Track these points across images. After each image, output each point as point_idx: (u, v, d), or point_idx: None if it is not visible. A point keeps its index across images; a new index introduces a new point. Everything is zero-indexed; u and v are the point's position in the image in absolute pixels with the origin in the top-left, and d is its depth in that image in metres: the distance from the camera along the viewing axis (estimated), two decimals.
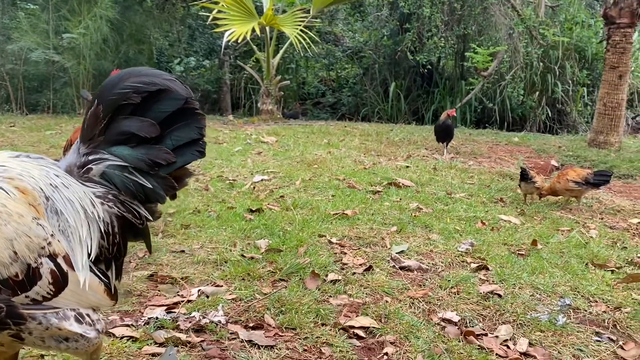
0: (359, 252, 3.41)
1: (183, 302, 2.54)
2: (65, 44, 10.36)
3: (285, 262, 3.08)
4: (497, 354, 2.29)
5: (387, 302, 2.71)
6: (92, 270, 1.46)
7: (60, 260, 1.37)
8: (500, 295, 2.86)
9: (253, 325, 2.37)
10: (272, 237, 3.55)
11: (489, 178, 6.12)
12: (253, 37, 11.04)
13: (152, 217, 1.62)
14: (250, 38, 10.81)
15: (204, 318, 2.36)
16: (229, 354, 2.13)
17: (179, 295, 2.62)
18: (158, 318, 2.34)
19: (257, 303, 2.57)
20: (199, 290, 2.66)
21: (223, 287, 2.75)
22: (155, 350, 2.09)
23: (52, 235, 1.37)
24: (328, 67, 15.86)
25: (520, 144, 9.17)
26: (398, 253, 3.39)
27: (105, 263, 1.53)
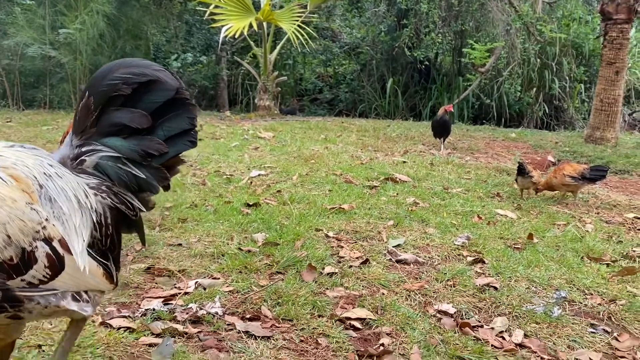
0: (356, 245, 3.42)
1: (180, 294, 2.54)
2: (62, 40, 10.32)
3: (282, 255, 3.09)
4: (492, 345, 2.31)
5: (383, 294, 2.72)
6: (90, 255, 1.47)
7: (56, 244, 1.38)
8: (496, 288, 2.88)
9: (250, 317, 2.38)
10: (269, 231, 3.56)
11: (486, 173, 6.14)
12: (250, 32, 11.03)
13: (145, 208, 1.62)
14: (248, 34, 10.80)
15: (201, 310, 2.37)
16: (226, 345, 2.14)
17: (176, 288, 2.63)
18: (155, 309, 2.34)
19: (254, 295, 2.58)
20: (196, 283, 2.66)
21: (220, 279, 2.75)
22: (153, 341, 2.09)
23: (46, 220, 1.37)
24: (325, 63, 15.85)
25: (517, 140, 9.19)
26: (395, 247, 3.41)
27: (102, 256, 1.53)
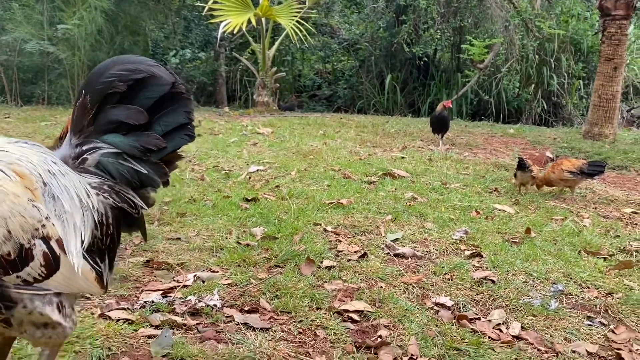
0: (354, 239, 3.43)
1: (179, 287, 2.55)
2: (60, 35, 10.29)
3: (281, 249, 3.10)
4: (489, 337, 2.32)
5: (381, 287, 2.73)
6: (84, 257, 1.46)
7: (54, 244, 1.38)
8: (494, 281, 2.89)
9: (248, 309, 2.39)
10: (267, 225, 3.57)
11: (484, 169, 6.15)
12: (249, 28, 11.02)
13: (146, 205, 1.62)
14: (246, 30, 10.78)
15: (200, 302, 2.38)
16: (225, 336, 2.15)
17: (175, 281, 2.64)
18: (154, 302, 2.35)
19: (252, 288, 2.59)
20: (195, 276, 2.67)
21: (219, 272, 2.76)
22: (152, 333, 2.10)
23: (47, 218, 1.37)
24: (324, 59, 15.84)
25: (516, 136, 9.20)
26: (393, 241, 3.42)
27: (99, 254, 1.53)
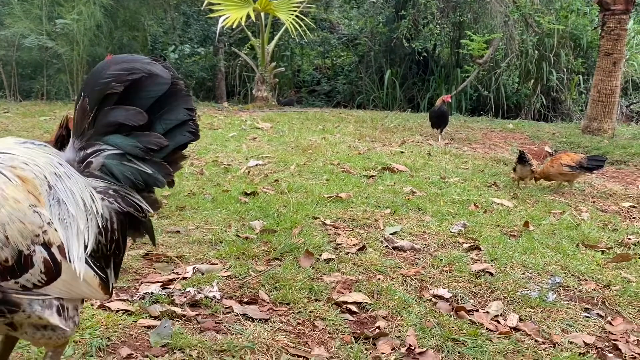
0: (353, 233, 3.44)
1: (178, 279, 2.56)
2: (59, 30, 10.26)
3: (280, 242, 3.11)
4: (487, 328, 2.34)
5: (379, 279, 2.75)
6: (87, 263, 1.44)
7: (55, 250, 1.35)
8: (492, 274, 2.90)
9: (247, 301, 2.40)
10: (266, 218, 3.58)
11: (483, 163, 6.16)
12: (248, 23, 11.00)
13: (153, 208, 1.60)
14: (245, 25, 10.76)
15: (199, 293, 2.39)
16: (224, 327, 2.16)
17: (174, 273, 2.65)
18: (153, 293, 2.37)
19: (251, 280, 2.60)
20: (194, 268, 2.68)
21: (218, 265, 2.77)
22: (151, 323, 2.11)
23: (49, 224, 1.34)
24: (323, 54, 15.81)
25: (515, 131, 9.20)
26: (391, 234, 3.43)
27: (104, 260, 1.51)
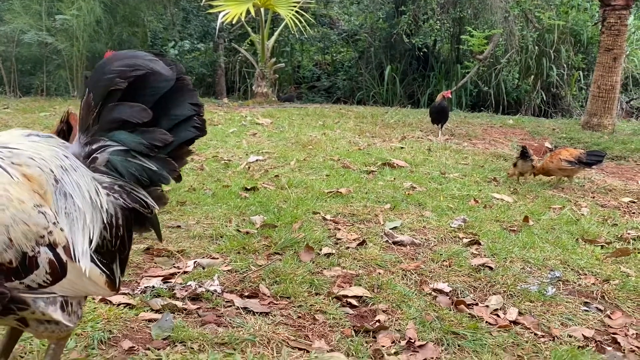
0: (353, 228, 3.45)
1: (179, 273, 2.57)
2: (58, 26, 10.24)
3: (280, 236, 3.12)
4: (487, 322, 2.35)
5: (379, 273, 2.76)
6: (93, 261, 1.44)
7: (60, 251, 1.35)
8: (492, 268, 2.91)
9: (248, 294, 2.41)
10: (267, 213, 3.59)
11: (483, 159, 6.16)
12: (248, 19, 10.97)
13: (158, 204, 1.59)
14: (245, 20, 10.74)
15: (200, 287, 2.40)
16: (225, 320, 2.17)
17: (175, 267, 2.66)
18: (155, 287, 2.37)
19: (252, 274, 2.61)
20: (195, 262, 2.69)
21: (219, 259, 2.78)
22: (152, 317, 2.13)
23: (54, 224, 1.34)
24: (323, 50, 15.80)
25: (515, 127, 9.20)
26: (391, 229, 3.43)
27: (110, 256, 1.51)
